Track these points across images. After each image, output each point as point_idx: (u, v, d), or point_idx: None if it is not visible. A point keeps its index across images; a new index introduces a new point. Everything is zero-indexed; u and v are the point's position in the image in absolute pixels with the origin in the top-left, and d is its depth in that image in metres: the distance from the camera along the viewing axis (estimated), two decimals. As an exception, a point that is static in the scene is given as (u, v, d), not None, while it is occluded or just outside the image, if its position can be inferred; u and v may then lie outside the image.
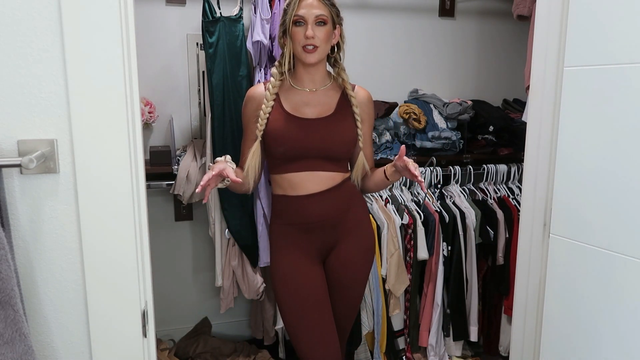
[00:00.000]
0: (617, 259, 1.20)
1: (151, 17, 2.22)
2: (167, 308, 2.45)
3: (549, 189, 1.39)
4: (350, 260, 1.66)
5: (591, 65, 1.23)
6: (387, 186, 1.72)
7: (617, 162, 1.19)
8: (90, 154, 0.96)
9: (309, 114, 1.58)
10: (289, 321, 1.63)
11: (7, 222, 0.93)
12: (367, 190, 1.74)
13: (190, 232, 2.48)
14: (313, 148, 1.55)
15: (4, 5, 0.90)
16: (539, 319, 1.46)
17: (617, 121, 1.18)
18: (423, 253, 2.23)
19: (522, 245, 1.52)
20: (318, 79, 1.61)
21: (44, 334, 1.02)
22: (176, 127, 2.30)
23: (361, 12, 2.49)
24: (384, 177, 1.61)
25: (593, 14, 1.22)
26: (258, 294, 2.20)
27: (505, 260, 2.36)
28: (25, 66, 0.92)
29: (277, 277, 1.65)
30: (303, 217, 1.60)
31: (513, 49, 2.72)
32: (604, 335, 1.25)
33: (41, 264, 0.99)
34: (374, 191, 1.79)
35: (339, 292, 1.68)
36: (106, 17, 0.93)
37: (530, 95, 1.46)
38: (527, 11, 2.08)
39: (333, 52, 1.62)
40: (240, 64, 2.00)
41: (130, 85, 0.98)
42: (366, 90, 1.68)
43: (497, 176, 2.46)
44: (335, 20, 1.57)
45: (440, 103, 2.43)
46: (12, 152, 0.93)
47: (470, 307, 2.37)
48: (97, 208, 0.98)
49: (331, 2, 1.55)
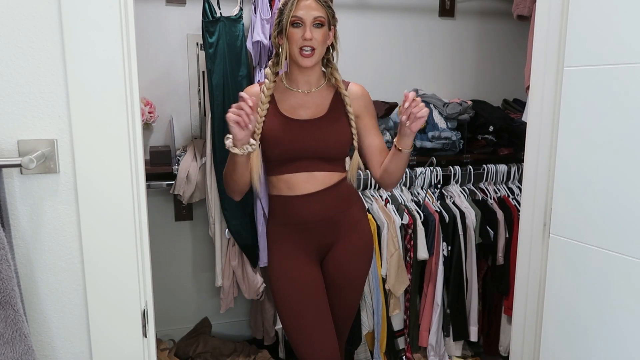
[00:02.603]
0: (617, 259, 1.20)
1: (151, 17, 2.22)
2: (167, 308, 2.45)
3: (549, 189, 1.39)
4: (347, 261, 1.66)
5: (591, 65, 1.23)
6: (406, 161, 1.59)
7: (617, 162, 1.19)
8: (90, 154, 0.96)
9: (303, 115, 1.58)
10: (286, 321, 1.63)
11: (7, 222, 0.93)
12: (391, 176, 1.62)
13: (190, 232, 2.48)
14: (308, 149, 1.55)
15: (4, 5, 0.90)
16: (539, 319, 1.46)
17: (617, 121, 1.18)
18: (423, 253, 2.23)
19: (522, 245, 1.52)
20: (313, 80, 1.61)
21: (44, 334, 1.02)
22: (176, 127, 2.30)
23: (361, 12, 2.49)
24: (395, 151, 1.54)
25: (593, 14, 1.22)
26: (258, 294, 2.20)
27: (505, 260, 2.36)
28: (25, 66, 0.92)
29: (274, 277, 1.65)
30: (299, 217, 1.60)
31: (513, 49, 2.72)
32: (604, 335, 1.25)
33: (41, 264, 0.99)
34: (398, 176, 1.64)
35: (336, 292, 1.68)
36: (106, 17, 0.93)
37: (530, 95, 1.46)
38: (527, 11, 2.08)
39: (327, 52, 1.61)
40: (240, 64, 2.00)
41: (130, 85, 0.98)
42: (360, 85, 1.66)
43: (497, 176, 2.46)
44: (331, 21, 1.56)
45: (440, 103, 2.43)
46: (12, 152, 0.93)
47: (470, 307, 2.37)
48: (97, 208, 0.98)
49: (327, 4, 1.54)
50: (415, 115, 1.41)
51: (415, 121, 1.42)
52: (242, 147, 1.45)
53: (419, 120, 1.42)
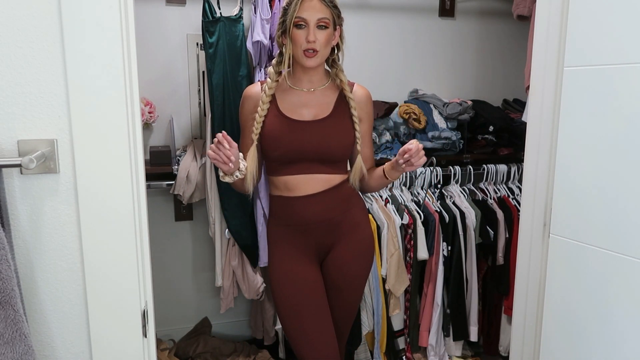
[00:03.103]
0: (617, 259, 1.20)
1: (151, 17, 2.22)
2: (167, 308, 2.45)
3: (549, 189, 1.39)
4: (347, 263, 1.65)
5: (591, 65, 1.23)
6: (386, 185, 1.71)
7: (617, 162, 1.19)
8: (90, 154, 0.96)
9: (305, 115, 1.57)
10: (286, 322, 1.63)
11: (7, 222, 0.93)
12: (367, 189, 1.72)
13: (190, 232, 2.48)
14: (310, 151, 1.54)
15: (4, 5, 0.90)
16: (539, 319, 1.46)
17: (617, 121, 1.18)
18: (423, 253, 2.23)
19: (522, 245, 1.52)
20: (316, 80, 1.59)
21: (44, 334, 1.02)
22: (176, 127, 2.30)
23: (361, 12, 2.49)
24: (382, 175, 1.61)
25: (593, 14, 1.22)
26: (258, 294, 2.20)
27: (505, 260, 2.36)
28: (25, 66, 0.92)
29: (274, 278, 1.64)
30: (300, 218, 1.60)
31: (513, 49, 2.72)
32: (604, 335, 1.25)
33: (41, 264, 0.99)
34: (374, 191, 1.79)
35: (336, 293, 1.67)
36: (106, 17, 0.93)
37: (530, 95, 1.46)
38: (527, 11, 2.08)
39: (332, 53, 1.59)
40: (240, 64, 2.00)
41: (130, 85, 0.98)
42: (365, 89, 1.66)
43: (497, 176, 2.46)
44: (336, 21, 1.54)
45: (440, 103, 2.44)
46: (12, 152, 0.94)
47: (470, 307, 2.37)
48: (97, 208, 0.98)
49: (333, 4, 1.51)
50: (412, 164, 1.47)
51: (411, 167, 1.48)
52: (232, 176, 1.50)
53: (414, 167, 1.48)
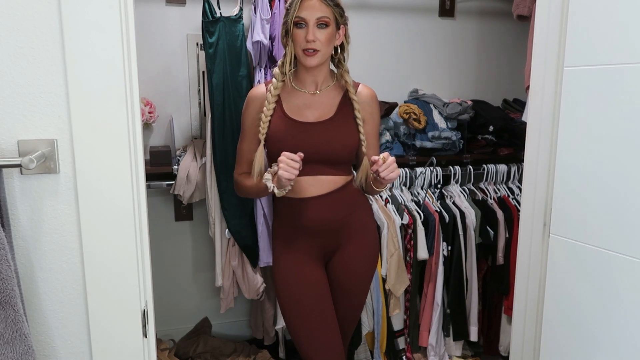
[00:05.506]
0: (617, 259, 1.20)
1: (151, 17, 2.22)
2: (167, 308, 2.45)
3: (549, 189, 1.39)
4: (352, 264, 1.65)
5: (591, 65, 1.23)
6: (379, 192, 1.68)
7: (617, 162, 1.19)
8: (90, 154, 0.96)
9: (309, 117, 1.56)
10: (291, 322, 1.63)
11: (7, 222, 0.93)
12: (368, 193, 1.70)
13: (190, 232, 2.48)
14: (313, 153, 1.52)
15: (3, 5, 0.90)
16: (539, 319, 1.46)
17: (617, 121, 1.18)
18: (423, 253, 2.23)
19: (522, 245, 1.52)
20: (320, 80, 1.59)
21: (44, 334, 1.02)
22: (176, 127, 2.30)
23: (361, 12, 2.49)
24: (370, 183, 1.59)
25: (593, 14, 1.22)
26: (258, 294, 2.20)
27: (505, 260, 2.36)
28: (25, 66, 0.92)
29: (279, 278, 1.64)
30: (304, 220, 1.59)
31: (513, 49, 2.72)
32: (604, 335, 1.25)
33: (41, 264, 0.99)
34: (373, 194, 1.78)
35: (341, 294, 1.67)
36: (106, 17, 0.93)
37: (530, 95, 1.46)
38: (527, 11, 2.08)
39: (337, 52, 1.58)
40: (240, 64, 1.99)
41: (130, 85, 0.98)
42: (370, 89, 1.64)
43: (497, 176, 2.46)
44: (339, 20, 1.52)
45: (440, 103, 2.44)
46: (12, 152, 0.94)
47: (470, 307, 2.37)
48: (97, 208, 0.98)
49: (335, 2, 1.50)
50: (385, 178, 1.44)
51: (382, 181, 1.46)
52: (284, 189, 1.49)
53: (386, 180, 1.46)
